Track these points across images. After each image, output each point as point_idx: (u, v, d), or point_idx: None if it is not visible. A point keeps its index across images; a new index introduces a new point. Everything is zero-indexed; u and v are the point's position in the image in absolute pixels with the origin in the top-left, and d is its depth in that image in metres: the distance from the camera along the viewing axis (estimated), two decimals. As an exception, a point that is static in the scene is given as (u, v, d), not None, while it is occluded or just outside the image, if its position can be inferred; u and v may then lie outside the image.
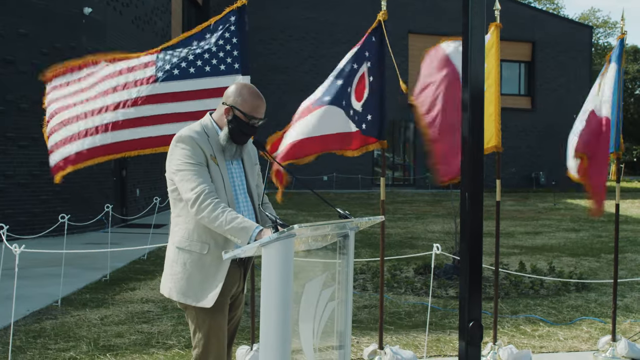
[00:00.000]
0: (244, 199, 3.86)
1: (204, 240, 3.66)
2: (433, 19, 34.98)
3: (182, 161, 3.62)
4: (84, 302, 8.04)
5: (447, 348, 6.39)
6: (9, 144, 13.69)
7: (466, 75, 3.02)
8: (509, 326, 7.20)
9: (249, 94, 3.77)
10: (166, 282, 3.77)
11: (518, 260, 10.86)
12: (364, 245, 12.95)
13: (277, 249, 3.09)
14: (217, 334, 3.72)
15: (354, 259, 3.64)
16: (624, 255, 12.27)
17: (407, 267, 10.40)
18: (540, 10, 43.54)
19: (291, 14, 34.07)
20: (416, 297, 8.49)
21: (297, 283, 3.22)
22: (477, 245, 3.01)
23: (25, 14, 13.80)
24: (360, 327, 7.00)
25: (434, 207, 23.80)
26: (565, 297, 8.59)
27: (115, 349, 6.18)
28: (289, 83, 33.23)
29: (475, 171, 3.02)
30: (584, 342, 6.67)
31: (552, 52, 37.68)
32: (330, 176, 31.84)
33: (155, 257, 11.25)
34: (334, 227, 3.48)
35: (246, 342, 6.16)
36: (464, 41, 3.03)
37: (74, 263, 10.09)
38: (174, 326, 6.97)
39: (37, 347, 6.19)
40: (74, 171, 5.34)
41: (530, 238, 15.21)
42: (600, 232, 16.34)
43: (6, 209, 13.44)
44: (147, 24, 19.48)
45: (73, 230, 12.06)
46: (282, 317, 3.07)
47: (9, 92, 13.58)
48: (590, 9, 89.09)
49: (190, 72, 5.28)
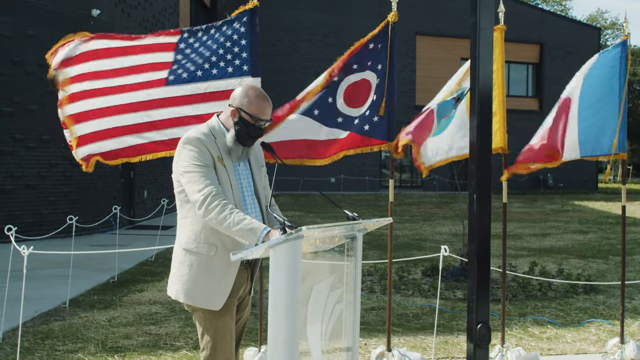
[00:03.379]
0: (251, 200, 3.85)
1: (211, 241, 3.66)
2: (440, 20, 34.99)
3: (189, 163, 3.62)
4: (92, 303, 8.05)
5: (455, 350, 6.38)
6: (17, 145, 13.73)
7: (474, 76, 3.01)
8: (517, 328, 7.18)
9: (255, 95, 3.77)
10: (173, 284, 3.77)
11: (526, 262, 10.83)
12: (371, 247, 12.94)
13: (285, 250, 3.08)
14: (224, 335, 3.71)
15: (361, 261, 3.63)
16: (632, 257, 12.22)
17: (415, 269, 10.39)
18: (548, 11, 43.43)
19: (298, 15, 34.11)
20: (424, 299, 8.48)
21: (305, 285, 3.21)
22: (485, 247, 3.01)
23: (32, 16, 13.84)
24: (368, 329, 6.99)
25: (441, 209, 23.77)
26: (573, 299, 8.56)
27: (123, 351, 6.18)
28: (295, 85, 33.18)
29: (483, 173, 3.01)
30: (592, 344, 6.65)
31: (560, 53, 37.63)
32: (338, 178, 31.84)
33: (163, 259, 11.26)
34: (342, 229, 3.48)
35: (254, 343, 6.16)
36: (472, 41, 3.03)
37: (81, 264, 10.11)
38: (181, 328, 6.97)
39: (45, 349, 6.20)
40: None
41: (538, 240, 15.17)
42: (608, 234, 16.29)
43: (14, 210, 13.48)
44: (155, 26, 19.51)
45: (81, 232, 12.10)
46: (290, 319, 3.06)
47: (16, 93, 13.63)
48: (597, 10, 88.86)
49: (198, 75, 5.28)
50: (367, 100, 5.74)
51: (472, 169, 3.03)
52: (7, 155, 13.60)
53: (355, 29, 33.12)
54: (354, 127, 5.72)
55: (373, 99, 5.71)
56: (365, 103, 5.74)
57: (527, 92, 38.17)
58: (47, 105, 14.04)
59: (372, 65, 5.72)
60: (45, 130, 14.07)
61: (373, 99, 5.71)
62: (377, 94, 5.69)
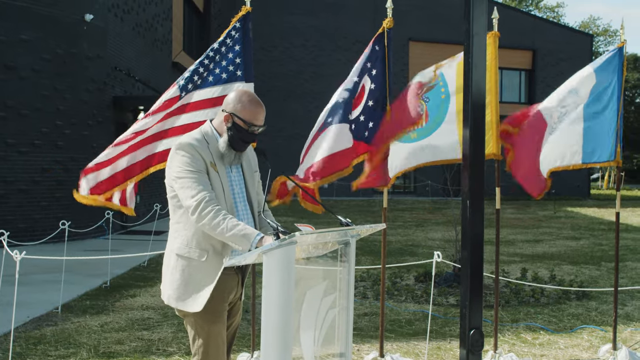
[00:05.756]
0: (243, 206, 3.85)
1: (203, 247, 3.65)
2: (433, 26, 35.08)
3: (182, 168, 3.62)
4: (84, 308, 8.02)
5: (448, 356, 6.38)
6: (9, 150, 13.69)
7: (467, 82, 3.02)
8: (510, 334, 7.18)
9: (249, 101, 3.77)
10: (165, 289, 3.77)
11: (518, 268, 10.85)
12: (364, 253, 12.94)
13: (278, 256, 3.08)
14: (216, 340, 3.71)
15: (354, 267, 3.63)
16: (625, 264, 12.25)
17: (408, 274, 10.39)
18: (540, 18, 43.63)
19: (292, 21, 34.16)
20: (417, 305, 8.48)
21: (298, 291, 3.21)
22: (477, 253, 3.01)
23: (26, 20, 13.82)
24: (361, 335, 6.99)
25: (434, 214, 23.80)
26: (565, 306, 8.57)
27: (115, 356, 6.16)
28: (289, 90, 33.28)
29: (476, 179, 3.02)
30: (584, 350, 6.66)
31: (553, 60, 37.77)
32: (330, 184, 31.80)
33: (155, 264, 11.24)
34: (335, 235, 3.48)
35: (247, 349, 6.15)
36: (465, 48, 3.04)
37: (74, 270, 10.08)
38: (174, 333, 6.95)
39: (37, 354, 6.17)
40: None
41: (531, 246, 15.20)
42: (601, 240, 16.33)
43: (7, 215, 13.44)
44: (148, 31, 19.52)
45: (73, 237, 12.05)
46: (283, 325, 3.06)
47: (9, 98, 13.59)
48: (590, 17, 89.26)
49: (197, 84, 5.30)
50: (360, 104, 5.70)
51: (465, 175, 3.04)
52: (0, 160, 13.56)
53: (350, 35, 33.28)
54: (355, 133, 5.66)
55: (369, 105, 5.68)
56: (357, 107, 5.70)
57: (520, 99, 38.26)
58: (40, 110, 14.04)
59: (369, 70, 5.71)
60: (37, 134, 14.04)
61: (369, 104, 5.68)
62: (372, 100, 5.67)
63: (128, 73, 17.69)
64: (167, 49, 22.03)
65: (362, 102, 5.70)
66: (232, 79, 5.33)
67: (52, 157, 14.30)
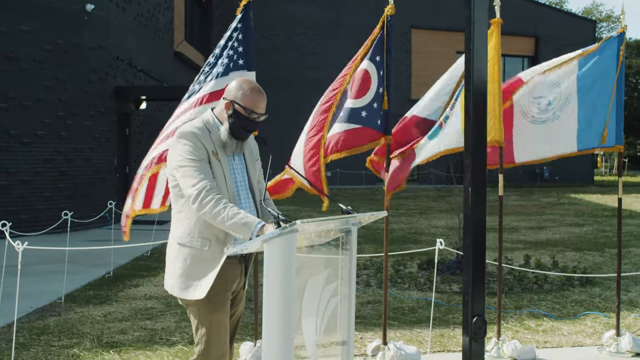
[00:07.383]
0: (246, 194, 3.84)
1: (205, 236, 3.65)
2: (435, 13, 34.97)
3: (183, 157, 3.61)
4: (88, 298, 8.04)
5: (451, 343, 6.38)
6: (12, 140, 13.69)
7: (469, 69, 3.00)
8: (513, 321, 7.18)
9: (250, 88, 3.75)
10: (168, 279, 3.77)
11: (522, 255, 10.84)
12: (367, 241, 12.95)
13: (279, 244, 3.07)
14: (219, 329, 3.71)
15: (357, 255, 3.62)
16: (628, 250, 12.24)
17: (411, 262, 10.39)
18: (543, 4, 43.42)
19: (294, 9, 34.07)
20: (420, 293, 8.48)
21: (299, 279, 3.21)
22: (480, 240, 3.00)
23: (27, 11, 13.79)
24: (364, 323, 6.99)
25: (437, 202, 23.78)
26: (569, 292, 8.57)
27: (118, 346, 6.18)
28: (291, 79, 33.22)
29: (478, 166, 3.00)
30: (588, 336, 6.66)
31: (555, 46, 37.58)
32: (334, 172, 31.82)
33: (158, 254, 11.25)
34: (337, 223, 3.47)
35: (250, 338, 6.16)
36: (466, 34, 3.02)
37: (77, 260, 10.09)
38: (177, 322, 6.96)
39: (40, 344, 6.19)
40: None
41: (534, 233, 15.19)
42: (604, 227, 16.31)
43: (9, 206, 13.45)
44: (149, 21, 19.48)
45: (76, 227, 12.07)
46: (285, 313, 3.06)
47: (11, 88, 13.58)
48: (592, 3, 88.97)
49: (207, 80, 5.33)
50: (369, 90, 5.67)
51: (467, 163, 3.02)
52: (2, 151, 13.55)
53: (352, 23, 33.14)
54: (363, 121, 5.65)
55: (379, 91, 5.67)
56: (367, 93, 5.67)
57: (523, 86, 38.13)
58: (42, 101, 14.03)
59: (371, 56, 5.68)
60: (40, 125, 14.04)
61: (379, 91, 5.68)
62: (379, 86, 5.67)
63: (130, 63, 17.67)
64: (169, 38, 21.99)
65: (372, 88, 5.67)
66: (235, 67, 5.32)
67: (54, 147, 14.30)
